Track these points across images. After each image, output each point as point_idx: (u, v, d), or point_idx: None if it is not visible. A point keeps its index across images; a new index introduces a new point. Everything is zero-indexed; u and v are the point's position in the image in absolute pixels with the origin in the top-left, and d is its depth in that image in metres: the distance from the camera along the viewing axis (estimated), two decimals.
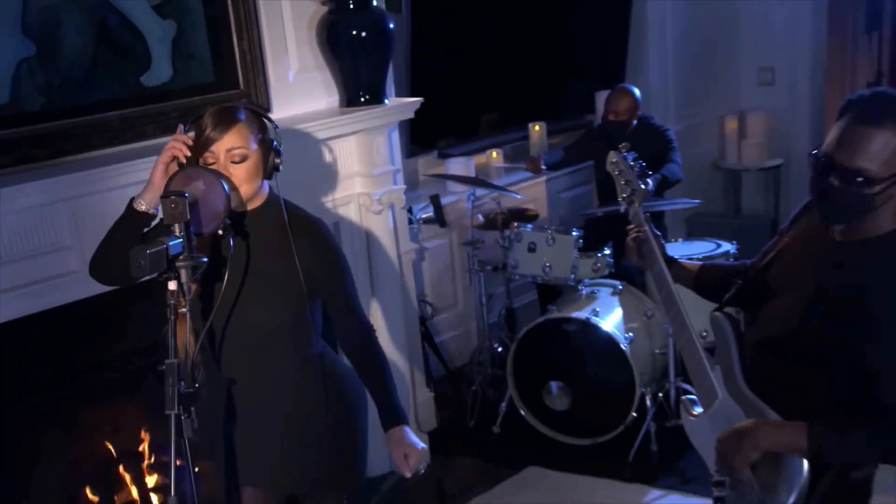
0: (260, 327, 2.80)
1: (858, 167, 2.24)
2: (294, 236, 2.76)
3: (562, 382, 4.81)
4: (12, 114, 3.35)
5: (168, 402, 2.32)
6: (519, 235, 5.03)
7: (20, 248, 3.35)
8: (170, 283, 2.35)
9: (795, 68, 7.23)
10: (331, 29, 4.10)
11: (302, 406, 2.89)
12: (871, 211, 2.29)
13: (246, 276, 2.75)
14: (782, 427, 2.37)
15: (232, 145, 2.66)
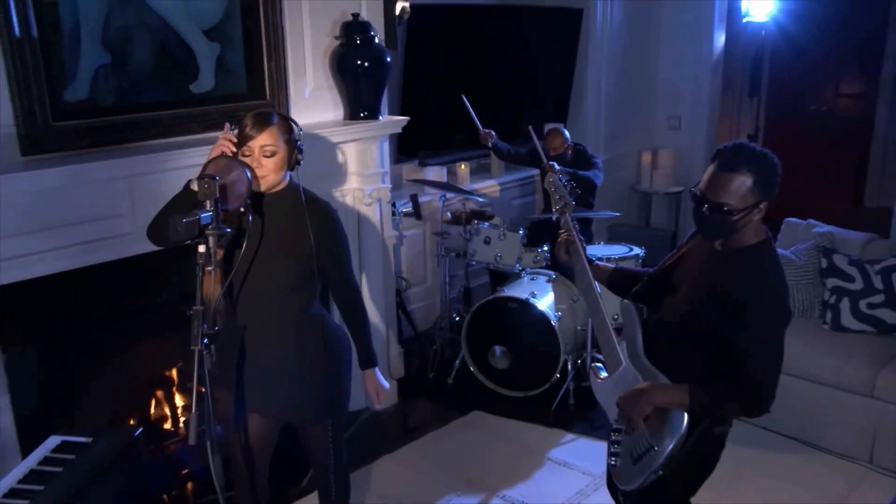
0: (272, 285, 2.79)
1: (721, 202, 2.34)
2: (310, 213, 2.77)
3: (504, 347, 4.82)
4: (89, 108, 3.34)
5: (193, 340, 2.33)
6: (478, 230, 5.03)
7: (89, 212, 3.34)
8: (200, 247, 2.35)
9: (696, 118, 7.27)
10: (340, 58, 4.08)
11: (300, 352, 2.88)
12: (735, 231, 2.38)
13: (262, 245, 2.74)
14: (671, 388, 2.44)
15: (265, 143, 2.68)
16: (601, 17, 6.67)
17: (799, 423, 4.22)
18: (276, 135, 2.70)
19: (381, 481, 4.01)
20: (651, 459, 2.42)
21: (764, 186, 2.33)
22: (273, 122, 2.71)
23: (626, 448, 2.54)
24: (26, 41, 3.09)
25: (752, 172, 2.32)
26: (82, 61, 3.27)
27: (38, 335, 3.42)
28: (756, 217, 2.37)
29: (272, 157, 2.70)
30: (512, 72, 6.32)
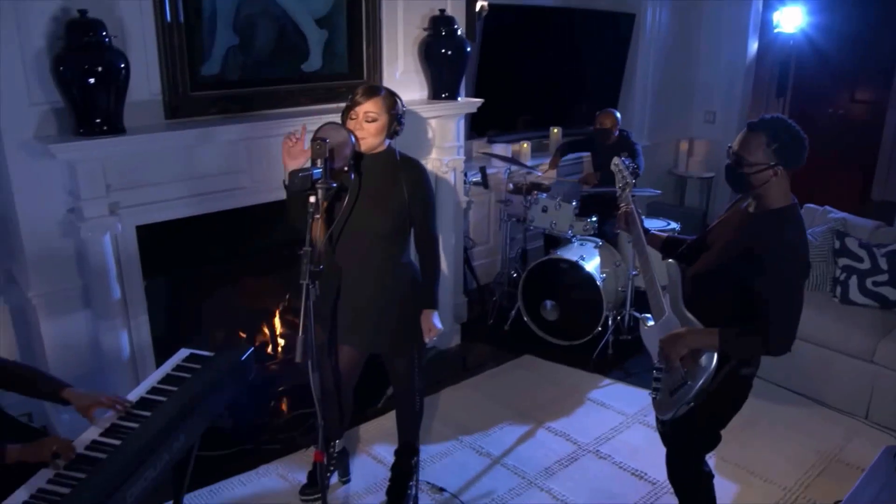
0: (369, 235, 2.82)
1: (738, 153, 2.37)
2: (404, 169, 2.81)
3: (554, 301, 4.83)
4: (220, 81, 3.44)
5: (302, 275, 2.38)
6: (537, 200, 5.02)
7: (216, 167, 3.45)
8: (311, 198, 2.41)
9: (729, 114, 7.14)
10: (428, 47, 4.10)
11: (389, 293, 2.92)
12: (750, 185, 2.39)
13: (359, 199, 2.77)
14: (703, 332, 2.45)
15: (368, 110, 2.72)
16: (650, 21, 6.59)
17: (807, 382, 4.18)
18: (380, 105, 2.74)
19: (444, 408, 4.08)
20: (685, 392, 2.44)
21: (779, 150, 2.33)
22: (380, 94, 2.75)
23: (665, 384, 2.57)
24: (175, 25, 3.19)
25: (768, 134, 2.33)
26: (216, 43, 3.36)
27: (169, 267, 3.55)
28: (772, 179, 2.35)
29: (373, 123, 2.74)
30: (571, 65, 6.26)
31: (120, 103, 3.02)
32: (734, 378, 2.46)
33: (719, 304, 2.46)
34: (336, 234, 2.79)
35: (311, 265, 2.35)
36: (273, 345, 4.25)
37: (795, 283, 2.33)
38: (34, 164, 3.00)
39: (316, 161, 2.41)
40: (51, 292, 3.18)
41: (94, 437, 2.32)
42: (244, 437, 3.69)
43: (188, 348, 2.85)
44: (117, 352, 3.29)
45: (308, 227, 2.40)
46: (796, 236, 2.36)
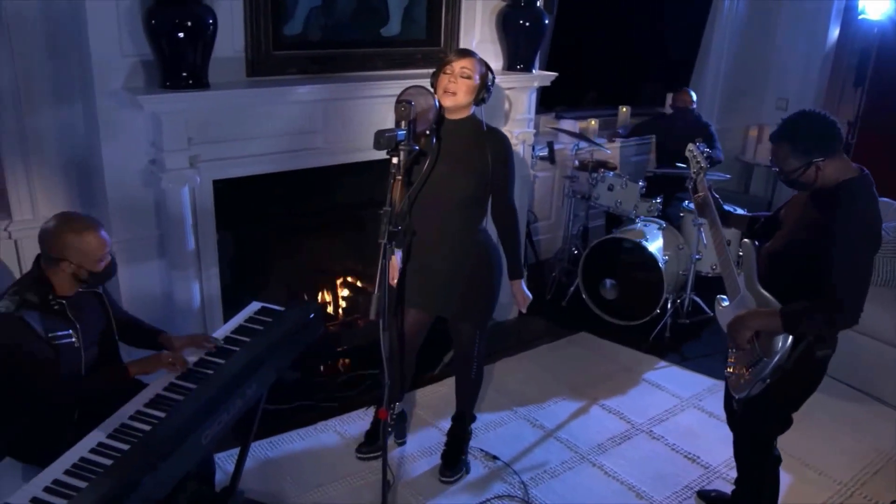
0: (446, 201, 2.84)
1: (773, 167, 2.47)
2: (490, 139, 2.82)
3: (614, 281, 4.82)
4: (301, 41, 3.49)
5: (381, 234, 2.40)
6: (603, 178, 5.01)
7: (292, 126, 3.51)
8: (393, 159, 2.44)
9: (802, 102, 6.86)
10: (505, 17, 4.08)
11: (460, 260, 2.95)
12: (803, 186, 2.44)
13: (438, 165, 2.79)
14: (764, 313, 2.47)
15: (464, 66, 2.76)
16: (728, 3, 6.43)
17: (866, 378, 4.11)
18: (474, 64, 2.78)
19: (500, 378, 4.13)
20: (761, 368, 2.46)
21: (807, 148, 2.36)
22: (475, 56, 2.79)
23: (739, 361, 2.58)
24: None
25: (789, 140, 2.38)
26: (300, 3, 3.42)
27: (239, 222, 3.64)
28: (819, 172, 2.37)
29: (466, 80, 2.76)
30: (644, 44, 6.17)
31: (206, 59, 3.09)
32: (809, 359, 2.45)
33: (794, 282, 2.46)
34: (413, 196, 2.82)
35: (390, 225, 2.38)
36: (334, 306, 4.34)
37: (861, 251, 2.33)
38: (121, 114, 3.10)
39: (400, 122, 2.44)
40: (129, 240, 3.30)
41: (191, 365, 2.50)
42: (303, 393, 3.79)
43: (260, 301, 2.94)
44: (188, 301, 3.40)
45: (389, 187, 2.43)
46: (864, 205, 2.36)
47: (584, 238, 5.55)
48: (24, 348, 2.29)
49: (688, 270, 4.80)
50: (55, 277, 2.38)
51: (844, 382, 4.16)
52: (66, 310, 2.41)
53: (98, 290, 2.57)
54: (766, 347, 2.46)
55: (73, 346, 2.40)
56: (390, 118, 3.60)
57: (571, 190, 5.27)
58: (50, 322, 2.35)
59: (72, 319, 2.41)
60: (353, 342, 4.25)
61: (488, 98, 2.85)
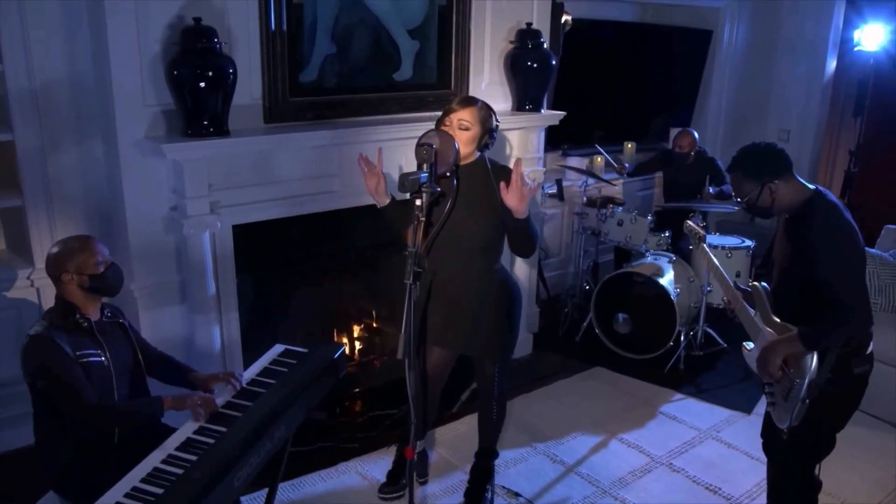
0: (465, 243, 2.88)
1: (736, 197, 2.65)
2: (497, 176, 2.85)
3: (627, 315, 4.85)
4: (317, 88, 3.56)
5: (406, 275, 2.40)
6: (612, 213, 5.07)
7: (310, 170, 3.57)
8: (416, 200, 2.46)
9: (803, 132, 7.06)
10: (513, 59, 4.16)
11: (482, 297, 2.97)
12: (762, 212, 2.60)
13: (457, 207, 2.82)
14: (784, 339, 2.54)
15: (463, 118, 2.79)
16: (727, 38, 6.57)
17: (885, 405, 4.09)
18: (475, 115, 2.81)
19: (518, 415, 4.12)
20: (797, 391, 2.49)
21: (757, 172, 2.53)
22: (476, 104, 2.82)
23: (778, 392, 2.62)
24: (278, 34, 3.34)
25: (740, 168, 2.57)
26: (315, 51, 3.50)
27: (261, 266, 3.69)
28: (773, 194, 2.52)
29: (465, 132, 2.80)
30: (647, 81, 6.27)
31: (226, 107, 3.16)
32: (848, 376, 2.51)
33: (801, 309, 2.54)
34: (434, 237, 2.85)
35: (415, 266, 2.41)
36: (350, 346, 4.36)
37: (846, 253, 2.44)
38: (144, 162, 3.17)
39: (422, 166, 2.49)
40: (151, 285, 3.34)
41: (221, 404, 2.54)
42: (324, 434, 3.79)
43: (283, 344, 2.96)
44: (209, 345, 3.43)
45: (413, 228, 2.47)
46: (829, 216, 2.48)
47: (594, 273, 5.59)
48: (55, 369, 2.39)
49: (699, 302, 4.83)
50: (70, 297, 2.51)
51: (865, 411, 4.14)
52: (93, 329, 2.52)
53: (122, 322, 2.64)
54: (797, 370, 2.51)
55: (102, 365, 2.50)
56: (405, 160, 3.71)
57: (581, 226, 5.33)
58: (78, 341, 2.47)
59: (100, 340, 2.52)
60: (371, 382, 4.26)
61: (492, 144, 2.89)
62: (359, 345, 4.38)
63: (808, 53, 6.91)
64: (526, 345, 4.82)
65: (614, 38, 5.88)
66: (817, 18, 6.80)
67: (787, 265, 2.57)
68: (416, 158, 2.52)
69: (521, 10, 4.20)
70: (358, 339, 4.38)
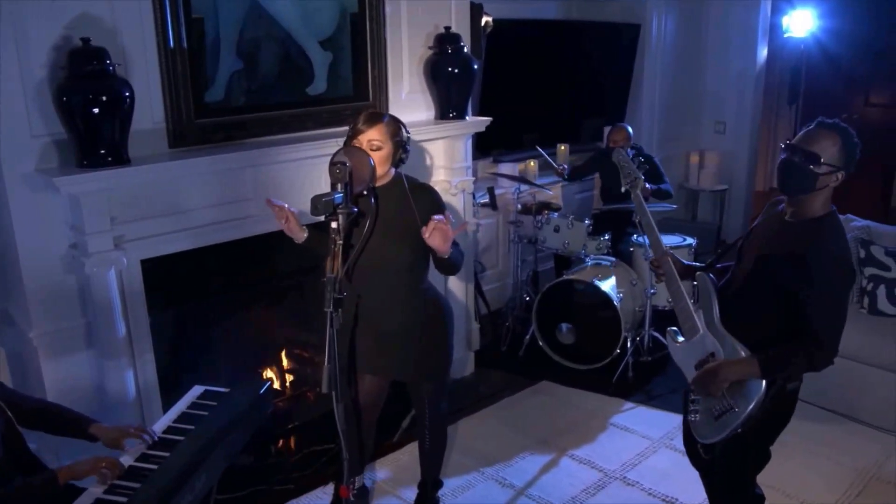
0: (388, 265, 2.87)
1: (812, 151, 2.41)
2: (415, 195, 2.85)
3: (570, 324, 4.88)
4: (224, 107, 3.50)
5: (326, 303, 2.39)
6: (548, 220, 5.10)
7: (223, 196, 3.50)
8: (332, 224, 2.45)
9: (739, 123, 7.27)
10: (434, 65, 4.16)
11: (411, 320, 2.96)
12: (812, 188, 2.41)
13: (376, 229, 2.81)
14: (739, 363, 2.48)
15: (372, 137, 2.77)
16: (656, 31, 6.72)
17: (837, 397, 4.22)
18: (383, 132, 2.79)
19: (462, 439, 4.11)
20: (731, 418, 2.46)
21: (846, 155, 2.41)
22: (383, 120, 2.80)
23: (705, 405, 2.59)
24: (178, 51, 3.27)
25: (840, 137, 2.41)
26: (220, 68, 3.44)
27: (173, 301, 3.60)
28: (832, 183, 2.42)
29: (377, 151, 2.77)
30: (576, 79, 6.37)
31: (125, 133, 3.08)
32: (781, 395, 2.50)
33: (760, 319, 2.51)
34: (355, 259, 2.83)
35: (335, 293, 2.39)
36: (281, 379, 4.29)
37: (842, 293, 2.39)
38: (35, 198, 3.06)
39: (336, 186, 2.47)
40: (52, 332, 3.22)
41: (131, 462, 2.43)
42: (257, 477, 3.71)
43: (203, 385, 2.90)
44: (122, 392, 3.32)
45: (331, 254, 2.44)
46: (841, 245, 2.42)
47: (534, 283, 5.62)
48: None
49: (644, 306, 4.90)
50: None
51: (815, 404, 4.26)
52: None
53: None
54: (736, 394, 2.47)
55: None
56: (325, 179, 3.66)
57: (517, 235, 5.35)
58: None
59: None
60: (305, 417, 4.20)
61: (406, 158, 2.89)
62: (289, 377, 4.31)
63: (739, 42, 7.12)
64: (467, 364, 4.81)
65: (539, 37, 5.95)
66: (745, 6, 7.00)
67: (768, 267, 2.48)
68: (330, 178, 2.50)
69: (438, 14, 4.21)
70: (288, 372, 4.31)
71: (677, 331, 2.75)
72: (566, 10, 6.39)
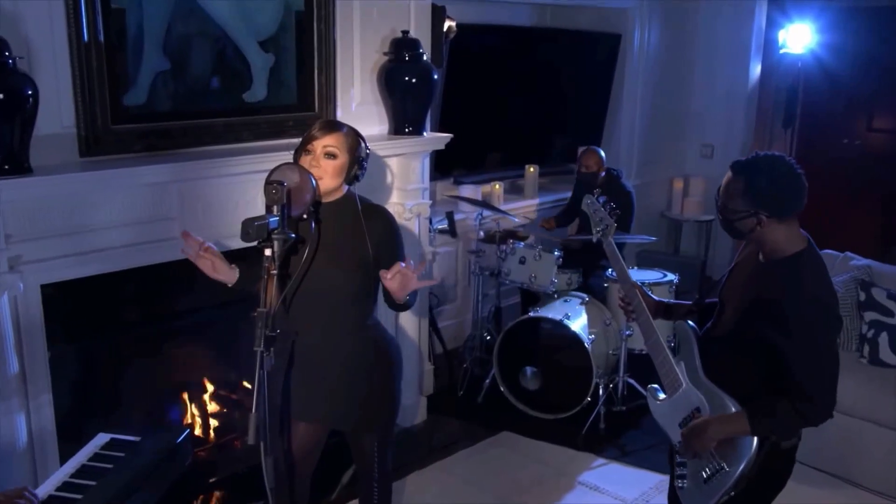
0: (329, 295, 2.83)
1: (720, 197, 2.56)
2: (368, 219, 2.83)
3: (535, 368, 4.88)
4: (147, 112, 3.44)
5: (256, 341, 2.35)
6: (513, 250, 5.11)
7: (142, 214, 3.43)
8: (266, 250, 2.41)
9: (729, 147, 7.37)
10: (389, 74, 4.16)
11: (354, 361, 2.92)
12: (738, 233, 2.53)
13: (318, 254, 2.78)
14: (727, 419, 2.49)
15: (328, 143, 2.76)
16: (638, 43, 6.83)
17: (833, 458, 4.24)
18: (341, 141, 2.78)
19: (411, 497, 4.07)
20: (722, 479, 2.47)
21: (758, 197, 2.43)
22: (342, 130, 2.80)
23: (693, 469, 2.60)
24: (93, 46, 3.20)
25: (746, 179, 2.46)
26: (143, 67, 3.39)
27: (84, 333, 3.52)
28: (758, 227, 2.46)
29: (331, 160, 2.76)
30: (548, 93, 6.43)
31: (26, 138, 3.00)
32: (776, 454, 2.51)
33: (744, 371, 2.52)
34: (291, 293, 2.80)
35: (267, 329, 2.35)
36: (204, 426, 4.21)
37: (825, 339, 2.41)
38: None
39: (272, 208, 2.43)
40: None
41: None
42: None
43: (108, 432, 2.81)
44: (11, 440, 3.19)
45: (263, 285, 2.40)
46: (817, 285, 2.42)
47: (496, 321, 5.62)
48: None
49: (619, 349, 4.91)
50: None
51: (809, 465, 4.28)
52: None
53: None
54: (726, 453, 2.48)
55: None
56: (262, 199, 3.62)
57: (478, 266, 5.35)
58: None
59: None
60: (232, 468, 4.12)
61: (362, 175, 2.88)
62: (213, 423, 4.24)
63: (730, 57, 7.24)
64: (418, 410, 4.78)
65: (508, 45, 6.01)
66: (738, 18, 7.14)
67: (745, 316, 2.51)
68: (265, 199, 2.47)
69: (395, 16, 4.22)
70: (212, 417, 4.24)
71: (657, 388, 2.77)
72: (539, 16, 6.47)
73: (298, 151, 2.82)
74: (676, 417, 2.64)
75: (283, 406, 2.97)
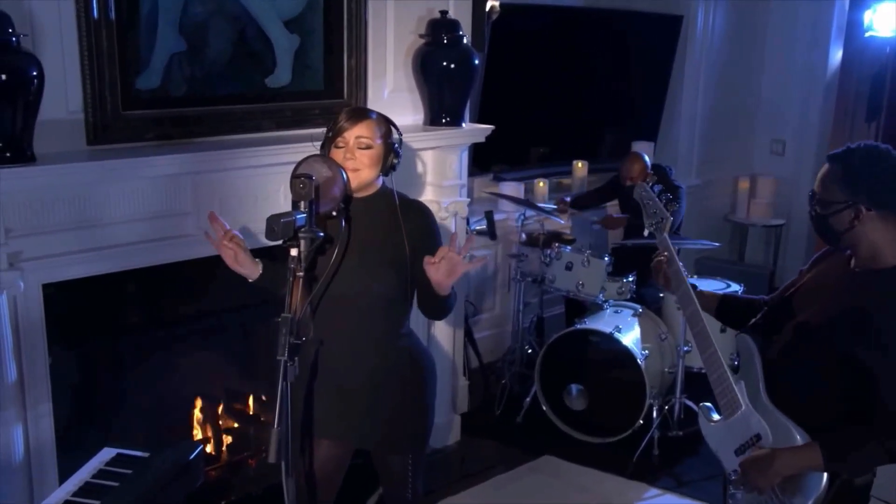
0: (361, 300, 2.84)
1: (815, 192, 2.52)
2: (407, 216, 2.85)
3: (581, 386, 4.87)
4: (161, 97, 3.48)
5: (280, 349, 2.36)
6: (559, 255, 5.11)
7: (153, 209, 3.48)
8: (292, 250, 2.43)
9: (803, 143, 7.33)
10: (425, 58, 4.17)
11: (384, 373, 2.92)
12: (839, 238, 2.48)
13: (348, 254, 2.79)
14: (797, 452, 2.43)
15: (360, 134, 2.78)
16: (702, 25, 6.79)
17: None
18: (372, 128, 2.80)
19: None
20: None
21: (857, 182, 2.41)
22: (371, 116, 2.83)
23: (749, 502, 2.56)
24: (103, 23, 3.24)
25: (840, 164, 2.45)
26: (157, 48, 3.43)
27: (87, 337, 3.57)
28: (856, 223, 2.42)
29: (367, 150, 2.79)
30: (600, 82, 6.42)
31: (29, 123, 3.04)
32: (846, 490, 2.47)
33: (820, 395, 2.48)
34: (319, 296, 2.80)
35: (292, 336, 2.36)
36: (216, 442, 4.25)
37: None
38: None
39: (299, 204, 2.45)
40: None
41: None
42: None
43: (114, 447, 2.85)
44: (6, 454, 3.24)
45: (288, 288, 2.42)
46: None
47: (539, 332, 5.63)
48: None
49: (675, 366, 4.89)
50: None
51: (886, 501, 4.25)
52: None
53: None
54: (791, 489, 2.44)
55: None
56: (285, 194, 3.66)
57: (519, 271, 5.35)
58: None
59: None
60: (246, 489, 4.16)
61: (398, 164, 2.90)
62: (227, 439, 4.28)
63: (807, 42, 7.16)
64: (451, 430, 4.80)
65: (555, 27, 5.99)
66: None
67: (827, 326, 2.46)
68: (292, 194, 2.49)
69: None
70: (226, 432, 4.28)
71: (711, 407, 2.73)
72: None
73: (327, 146, 2.84)
74: (732, 443, 2.59)
75: (304, 421, 2.98)
